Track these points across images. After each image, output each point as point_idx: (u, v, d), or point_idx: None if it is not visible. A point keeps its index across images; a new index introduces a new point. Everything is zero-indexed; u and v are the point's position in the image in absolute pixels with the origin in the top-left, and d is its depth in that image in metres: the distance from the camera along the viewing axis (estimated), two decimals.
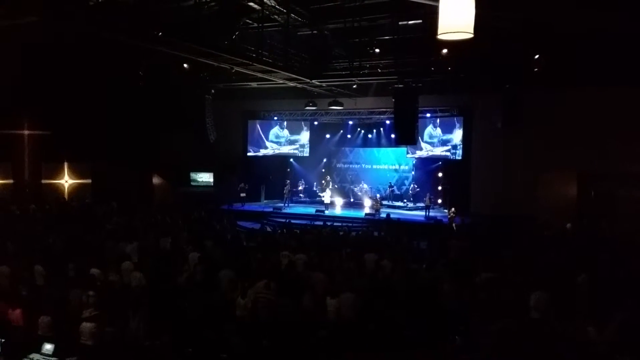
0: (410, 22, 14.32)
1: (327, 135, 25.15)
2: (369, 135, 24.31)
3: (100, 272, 8.99)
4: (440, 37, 4.96)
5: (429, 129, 21.20)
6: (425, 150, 21.42)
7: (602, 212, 16.58)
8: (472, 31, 4.78)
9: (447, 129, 20.86)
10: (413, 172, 23.67)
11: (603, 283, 8.76)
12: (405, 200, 22.96)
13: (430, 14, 12.84)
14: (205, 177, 25.17)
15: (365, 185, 24.16)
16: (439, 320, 7.52)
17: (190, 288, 8.73)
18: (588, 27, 11.84)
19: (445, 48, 14.43)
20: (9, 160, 20.20)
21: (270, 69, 15.22)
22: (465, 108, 20.35)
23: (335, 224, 16.75)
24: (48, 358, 6.13)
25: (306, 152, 24.89)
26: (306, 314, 7.87)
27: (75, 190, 21.86)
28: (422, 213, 20.72)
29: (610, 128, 16.69)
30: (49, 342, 6.26)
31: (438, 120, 21.07)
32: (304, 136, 24.74)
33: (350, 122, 24.22)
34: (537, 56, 14.91)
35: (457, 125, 20.52)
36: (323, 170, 25.47)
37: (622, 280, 8.95)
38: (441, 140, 20.99)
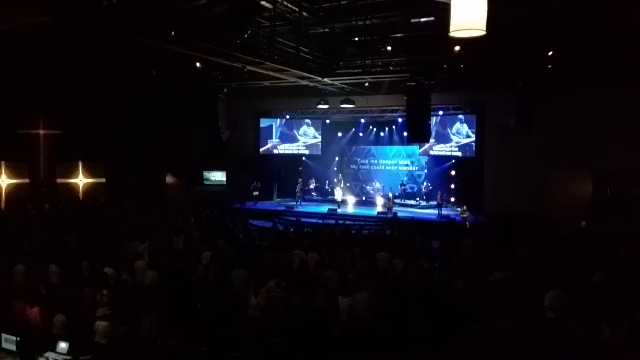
0: (422, 19, 14.25)
1: (339, 134, 25.13)
2: (381, 134, 24.24)
3: (113, 271, 9.06)
4: (452, 34, 4.92)
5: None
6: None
7: (617, 211, 16.39)
8: (484, 28, 4.74)
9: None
10: (426, 170, 23.56)
11: (618, 282, 8.65)
12: (417, 199, 22.86)
13: (442, 11, 12.76)
14: (218, 176, 25.31)
15: (377, 184, 24.10)
16: (453, 320, 7.47)
17: (203, 287, 8.77)
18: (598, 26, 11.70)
19: (458, 45, 14.32)
20: (25, 160, 20.44)
21: (282, 67, 15.23)
22: (478, 105, 20.19)
23: (347, 222, 16.73)
24: (63, 356, 6.19)
25: (318, 151, 24.89)
26: (318, 313, 7.86)
27: (90, 189, 22.08)
28: (435, 211, 20.62)
29: (626, 126, 16.49)
30: (63, 340, 6.32)
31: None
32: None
33: (362, 120, 24.17)
34: (550, 53, 14.75)
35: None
36: (335, 168, 25.45)
37: (638, 279, 8.83)
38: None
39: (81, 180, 22.03)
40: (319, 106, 21.11)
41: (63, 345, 6.23)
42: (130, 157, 21.51)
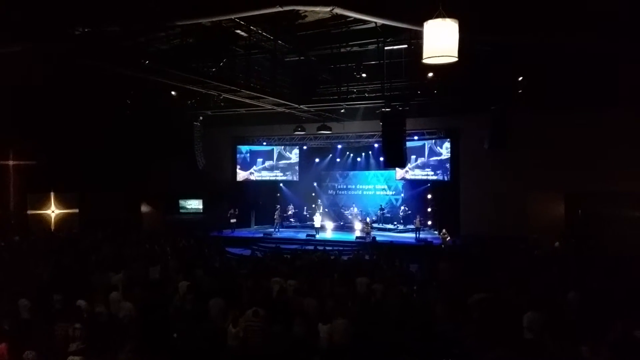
0: (395, 47, 14.52)
1: (317, 160, 25.22)
2: (358, 159, 24.41)
3: (86, 303, 8.82)
4: (425, 61, 5.03)
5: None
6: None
7: (589, 231, 16.72)
8: (456, 55, 4.86)
9: None
10: (402, 194, 23.72)
11: (593, 301, 8.77)
12: (395, 223, 22.95)
13: (416, 39, 13.05)
14: (194, 204, 25.06)
15: (355, 209, 24.16)
16: (433, 343, 7.45)
17: (180, 318, 8.58)
18: (569, 50, 12.09)
19: (431, 71, 14.62)
20: None
21: (258, 95, 15.29)
22: (452, 130, 20.54)
23: (326, 248, 16.67)
24: None
25: (296, 177, 24.90)
26: (298, 341, 7.76)
27: (62, 220, 21.60)
28: (413, 235, 20.70)
29: (597, 148, 16.96)
30: None
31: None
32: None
33: (339, 146, 24.34)
34: (520, 78, 15.15)
35: None
36: (313, 194, 25.44)
37: (612, 298, 8.97)
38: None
39: (53, 211, 21.55)
40: (296, 132, 21.20)
41: None
42: (104, 187, 21.18)
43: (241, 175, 24.40)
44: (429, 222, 22.17)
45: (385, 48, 14.36)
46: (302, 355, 7.36)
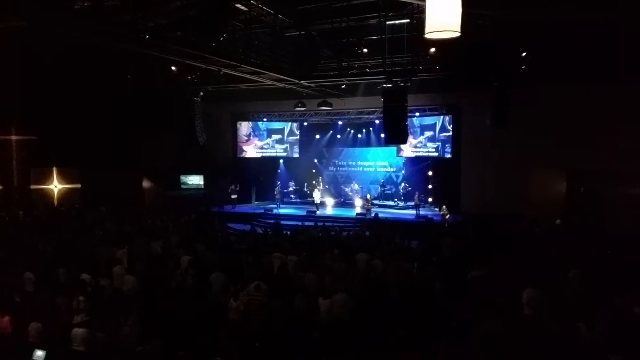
0: (397, 21, 14.34)
1: (317, 136, 25.15)
2: (359, 135, 24.34)
3: (90, 277, 8.93)
4: (427, 36, 4.97)
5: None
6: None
7: (590, 209, 16.74)
8: (459, 29, 4.80)
9: None
10: (403, 171, 23.72)
11: (593, 279, 8.83)
12: (396, 200, 23.01)
13: (418, 13, 12.90)
14: (195, 180, 25.14)
15: (355, 185, 24.19)
16: (432, 319, 7.54)
17: (182, 292, 8.69)
18: (574, 25, 11.94)
19: (433, 47, 14.46)
20: None
21: (258, 70, 15.18)
22: (454, 106, 20.44)
23: (326, 224, 16.76)
24: None
25: (297, 153, 24.88)
26: (298, 316, 7.86)
27: (65, 195, 21.70)
28: (413, 212, 20.78)
29: (599, 126, 16.88)
30: (40, 348, 6.20)
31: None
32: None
33: (340, 122, 24.24)
34: (524, 54, 14.99)
35: None
36: (313, 170, 25.46)
37: (612, 275, 9.03)
38: None
39: (56, 186, 21.64)
40: (297, 108, 21.12)
41: (40, 353, 6.13)
42: (106, 163, 21.21)
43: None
44: (430, 199, 22.22)
45: (387, 23, 14.19)
46: (302, 329, 7.47)
